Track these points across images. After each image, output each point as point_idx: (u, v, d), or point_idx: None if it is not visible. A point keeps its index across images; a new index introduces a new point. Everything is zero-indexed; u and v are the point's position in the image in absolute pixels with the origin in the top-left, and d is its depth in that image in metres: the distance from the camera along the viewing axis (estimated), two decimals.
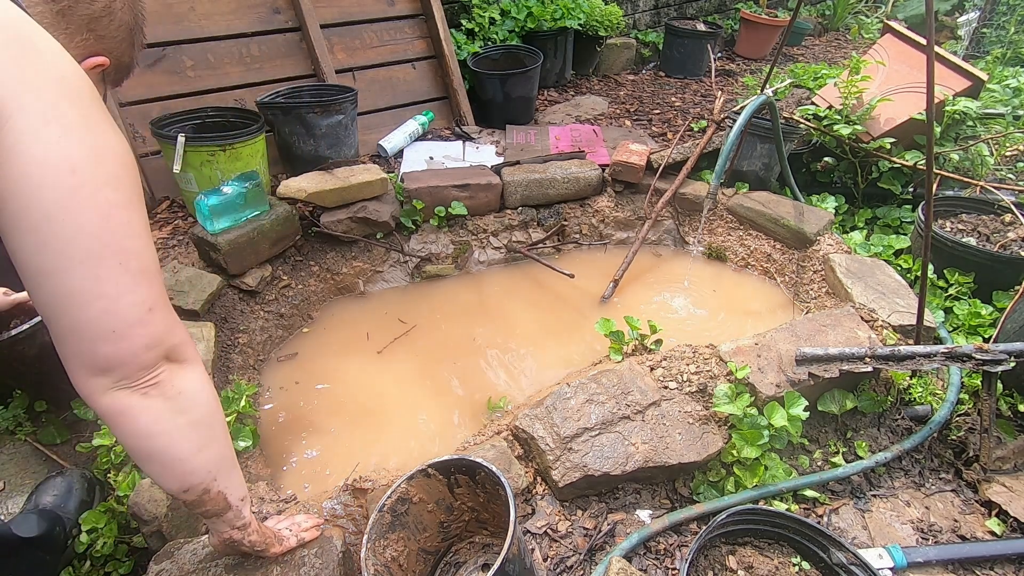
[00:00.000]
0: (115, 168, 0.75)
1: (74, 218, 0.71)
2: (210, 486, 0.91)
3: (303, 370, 2.15)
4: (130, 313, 0.76)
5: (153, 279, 0.80)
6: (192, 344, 0.88)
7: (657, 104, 3.82)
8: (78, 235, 0.71)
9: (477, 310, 2.50)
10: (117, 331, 0.75)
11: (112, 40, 0.91)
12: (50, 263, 0.71)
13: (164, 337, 0.81)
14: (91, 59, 0.88)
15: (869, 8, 6.10)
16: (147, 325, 0.78)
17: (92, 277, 0.73)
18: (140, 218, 0.79)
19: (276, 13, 2.93)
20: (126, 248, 0.76)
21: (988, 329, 2.10)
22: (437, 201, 2.62)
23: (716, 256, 2.81)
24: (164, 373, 0.82)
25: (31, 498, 1.51)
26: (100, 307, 0.74)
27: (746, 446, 1.52)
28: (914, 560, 1.38)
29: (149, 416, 0.81)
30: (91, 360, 0.76)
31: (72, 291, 0.72)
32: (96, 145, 0.73)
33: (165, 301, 0.82)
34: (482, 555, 1.34)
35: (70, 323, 0.74)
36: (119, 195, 0.75)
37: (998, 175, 2.98)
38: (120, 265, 0.75)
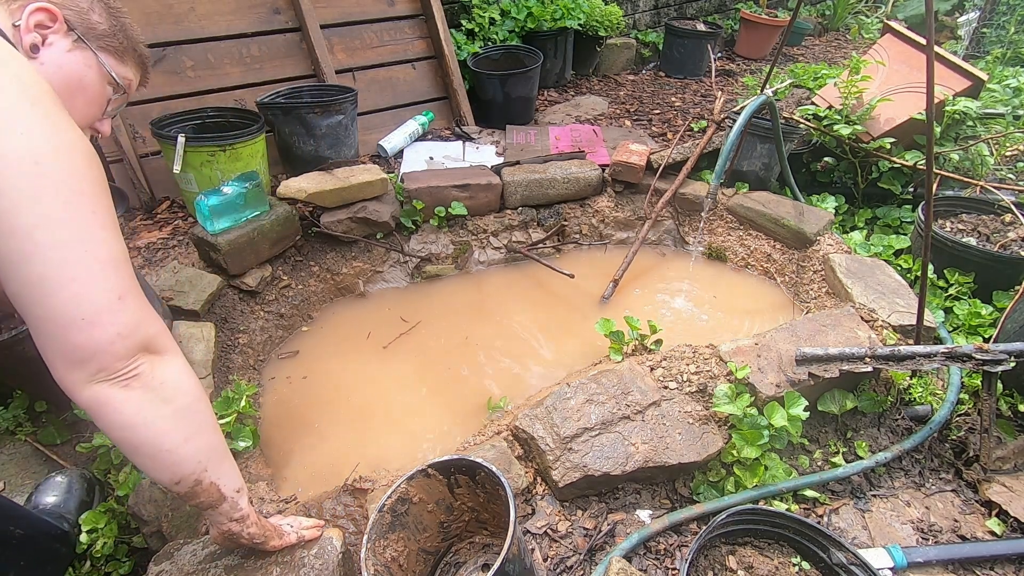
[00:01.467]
0: (78, 162, 0.78)
1: (41, 206, 0.73)
2: (201, 477, 0.91)
3: (303, 370, 2.15)
4: (99, 299, 0.77)
5: (121, 268, 0.81)
6: (169, 335, 0.89)
7: (657, 104, 3.82)
8: (45, 221, 0.74)
9: (477, 310, 2.50)
10: (87, 318, 0.76)
11: None
12: (18, 250, 0.73)
13: (137, 326, 0.81)
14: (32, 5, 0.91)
15: (869, 8, 6.10)
16: (117, 313, 0.79)
17: (60, 262, 0.74)
18: (105, 210, 0.81)
19: (276, 13, 2.93)
20: (93, 236, 0.78)
21: (988, 329, 2.10)
22: (437, 201, 2.62)
23: (716, 256, 2.81)
24: (144, 365, 0.82)
25: (31, 498, 1.51)
26: (69, 292, 0.75)
27: (746, 446, 1.52)
28: (914, 560, 1.38)
29: (131, 407, 0.81)
30: (66, 351, 0.76)
31: (41, 277, 0.74)
32: (58, 140, 0.76)
33: (137, 291, 0.83)
34: (482, 555, 1.34)
35: (41, 311, 0.75)
36: (84, 186, 0.78)
37: (998, 175, 2.98)
38: (87, 252, 0.77)
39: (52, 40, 0.95)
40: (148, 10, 2.58)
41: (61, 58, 0.96)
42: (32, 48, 0.92)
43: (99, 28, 1.00)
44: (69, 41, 0.97)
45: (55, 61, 0.95)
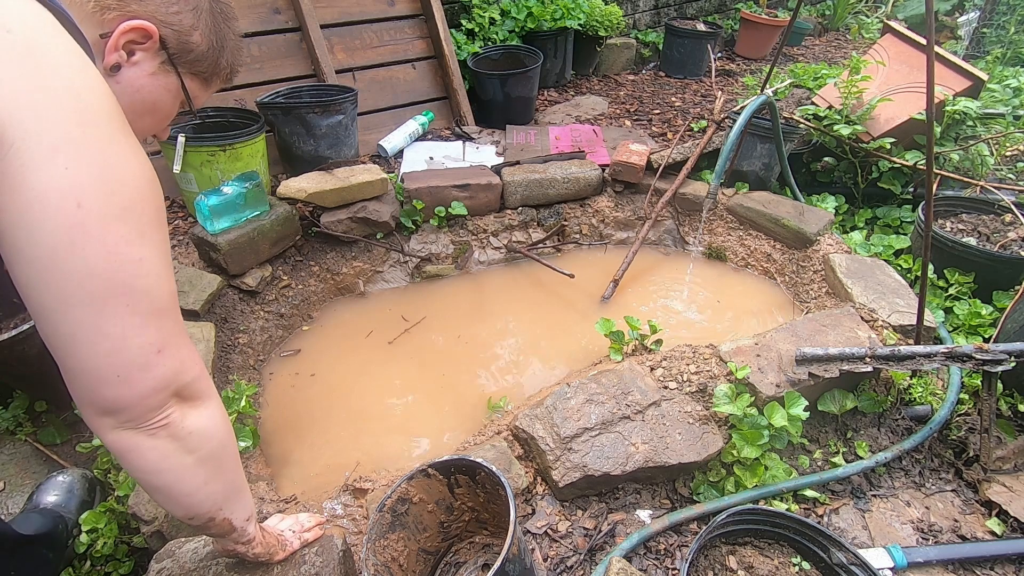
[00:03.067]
0: (129, 199, 0.69)
1: (78, 256, 0.65)
2: (215, 515, 0.90)
3: (304, 370, 2.15)
4: (136, 357, 0.72)
5: (165, 318, 0.75)
6: (206, 378, 0.84)
7: (657, 104, 3.82)
8: (81, 274, 0.66)
9: (477, 310, 2.50)
10: (122, 375, 0.71)
11: (157, 4, 0.81)
12: (52, 301, 0.67)
13: (173, 379, 0.77)
14: (130, 22, 0.78)
15: (869, 8, 6.10)
16: (154, 368, 0.74)
17: (95, 319, 0.68)
18: (155, 252, 0.73)
19: (276, 13, 2.92)
20: (134, 288, 0.70)
21: (988, 329, 2.10)
22: (437, 201, 2.62)
23: (716, 256, 2.81)
24: (174, 414, 0.78)
25: (32, 498, 1.51)
26: (104, 350, 0.70)
27: (746, 446, 1.53)
28: (914, 560, 1.38)
29: (155, 454, 0.78)
30: (96, 401, 0.73)
31: (75, 332, 0.68)
32: (108, 174, 0.67)
33: (178, 338, 0.78)
34: (482, 555, 1.34)
35: (73, 364, 0.70)
36: (130, 229, 0.69)
37: (998, 175, 2.98)
38: (127, 307, 0.70)
39: (138, 59, 0.82)
40: None
41: (141, 80, 0.84)
42: (113, 67, 0.80)
43: (196, 50, 0.88)
44: (157, 63, 0.84)
45: (134, 83, 0.83)
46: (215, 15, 0.89)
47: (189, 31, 0.85)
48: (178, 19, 0.84)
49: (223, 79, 0.97)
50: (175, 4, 0.83)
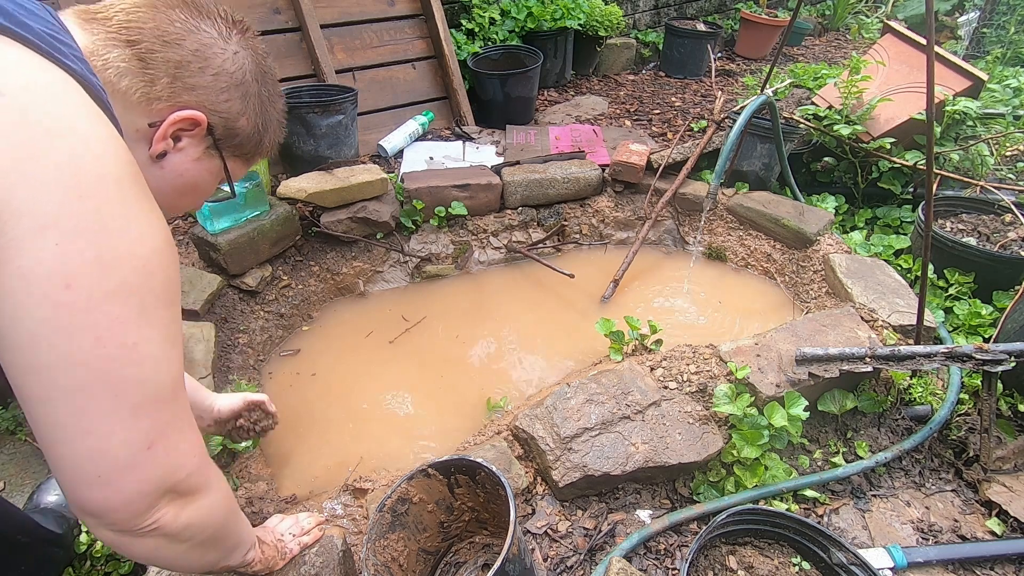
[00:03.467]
0: (129, 275, 0.63)
1: (63, 342, 0.60)
2: (213, 568, 0.91)
3: (304, 370, 2.15)
4: (121, 454, 0.65)
5: (159, 408, 0.68)
6: (207, 466, 0.77)
7: (657, 104, 3.82)
8: (66, 363, 0.60)
9: (477, 310, 2.50)
10: (103, 476, 0.64)
11: (208, 92, 0.79)
12: (34, 391, 0.61)
13: (164, 479, 0.69)
14: (180, 112, 0.76)
15: (869, 8, 6.10)
16: (141, 468, 0.66)
17: (78, 411, 0.62)
18: (155, 334, 0.66)
19: (276, 13, 2.92)
20: (125, 377, 0.64)
21: (988, 329, 2.10)
22: (437, 201, 2.62)
23: (716, 256, 2.81)
24: (166, 516, 0.71)
25: (32, 497, 1.51)
26: (86, 446, 0.63)
27: (746, 446, 1.53)
28: (914, 560, 1.38)
29: (146, 549, 0.73)
30: (78, 502, 0.66)
31: (56, 426, 0.62)
32: (106, 248, 0.61)
33: (175, 429, 0.70)
34: (482, 555, 1.34)
35: (55, 459, 0.64)
36: (126, 310, 0.63)
37: (998, 175, 2.98)
38: (114, 398, 0.63)
39: (184, 145, 0.81)
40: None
41: (185, 165, 0.82)
42: (160, 155, 0.79)
43: (242, 134, 0.86)
44: (202, 148, 0.83)
45: (178, 168, 0.82)
46: (262, 99, 0.87)
47: (236, 117, 0.84)
48: (227, 106, 0.82)
49: (264, 156, 0.96)
50: (225, 91, 0.81)
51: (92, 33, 0.72)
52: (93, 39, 0.72)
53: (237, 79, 0.82)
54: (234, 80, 0.81)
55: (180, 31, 0.76)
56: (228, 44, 0.80)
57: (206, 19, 0.79)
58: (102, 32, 0.72)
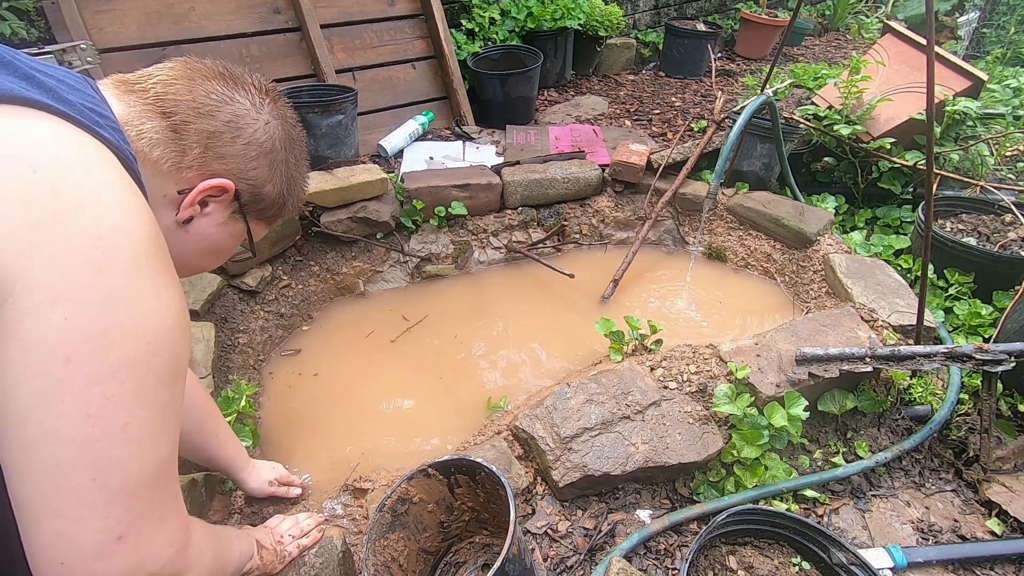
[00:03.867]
0: (131, 353, 0.62)
1: (52, 417, 0.58)
2: None
3: (304, 369, 2.15)
4: (88, 542, 0.60)
5: (139, 495, 0.64)
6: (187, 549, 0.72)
7: (657, 104, 3.82)
8: (50, 438, 0.58)
9: (477, 310, 2.50)
10: (67, 564, 0.60)
11: (238, 160, 0.81)
12: (15, 461, 0.59)
13: (134, 572, 0.64)
14: (209, 181, 0.78)
15: (869, 8, 6.10)
16: (107, 560, 0.62)
17: (53, 489, 0.59)
18: (149, 415, 0.64)
19: (276, 13, 2.92)
20: (108, 458, 0.61)
21: (988, 329, 2.10)
22: (437, 201, 2.62)
23: (716, 256, 2.81)
24: None
25: None
26: (54, 528, 0.59)
27: (746, 446, 1.53)
28: (914, 560, 1.38)
29: None
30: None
31: (29, 502, 0.59)
32: (112, 326, 0.60)
33: (154, 519, 0.66)
34: (482, 555, 1.34)
35: (23, 534, 0.61)
36: (123, 389, 0.61)
37: (998, 175, 2.98)
38: (92, 480, 0.60)
39: (211, 210, 0.82)
40: (148, 10, 2.58)
41: (210, 230, 0.83)
42: (186, 220, 0.80)
43: (266, 200, 0.87)
44: (228, 213, 0.84)
45: (203, 232, 0.83)
46: (289, 165, 0.89)
47: (263, 183, 0.85)
48: (255, 174, 0.83)
49: (285, 217, 0.97)
50: (255, 160, 0.82)
51: (129, 104, 0.74)
52: (129, 110, 0.74)
53: (267, 148, 0.83)
54: (264, 149, 0.83)
55: (215, 103, 0.78)
56: (260, 114, 0.82)
57: (240, 90, 0.81)
58: (139, 104, 0.75)
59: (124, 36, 2.51)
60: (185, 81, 0.77)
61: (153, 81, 0.76)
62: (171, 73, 0.78)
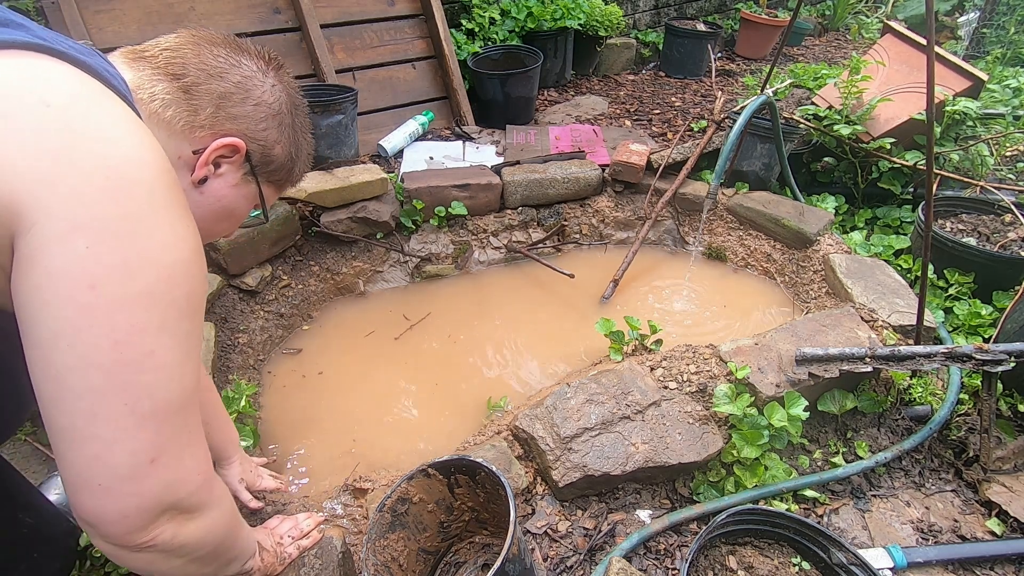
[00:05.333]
0: (154, 283, 0.64)
1: (82, 343, 0.61)
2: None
3: (304, 369, 2.15)
4: (123, 463, 0.64)
5: (168, 420, 0.67)
6: (210, 483, 0.76)
7: (657, 104, 3.82)
8: (83, 364, 0.61)
9: (477, 310, 2.50)
10: (104, 484, 0.64)
11: (248, 121, 0.83)
12: (50, 390, 0.62)
13: (164, 494, 0.68)
14: (222, 140, 0.80)
15: (869, 8, 6.10)
16: (142, 481, 0.66)
17: (88, 414, 0.62)
18: (173, 344, 0.67)
19: (276, 13, 2.92)
20: (137, 384, 0.64)
21: (988, 329, 2.10)
22: (437, 201, 2.62)
23: (716, 256, 2.81)
24: (163, 534, 0.70)
25: None
26: (90, 451, 0.63)
27: (746, 446, 1.53)
28: (914, 560, 1.38)
29: (142, 562, 0.72)
30: (76, 508, 0.65)
31: (65, 427, 0.62)
32: (133, 254, 0.62)
33: (182, 444, 0.70)
34: (482, 555, 1.34)
35: (59, 458, 0.64)
36: (148, 317, 0.64)
37: (998, 175, 2.98)
38: (124, 405, 0.63)
39: (223, 171, 0.84)
40: (148, 9, 2.58)
41: (224, 191, 0.86)
42: (201, 181, 0.82)
43: (276, 161, 0.90)
44: (240, 174, 0.86)
45: (216, 194, 0.85)
46: (295, 129, 0.92)
47: (273, 144, 0.88)
48: (265, 135, 0.86)
49: (293, 184, 0.99)
50: (264, 121, 0.85)
51: (139, 70, 0.77)
52: (139, 75, 0.77)
53: (275, 110, 0.87)
54: (272, 111, 0.86)
55: (224, 65, 0.81)
56: (267, 78, 0.86)
57: (245, 55, 0.85)
58: (148, 69, 0.78)
59: (124, 36, 2.51)
60: (192, 46, 0.80)
61: (161, 48, 0.79)
62: (178, 40, 0.81)
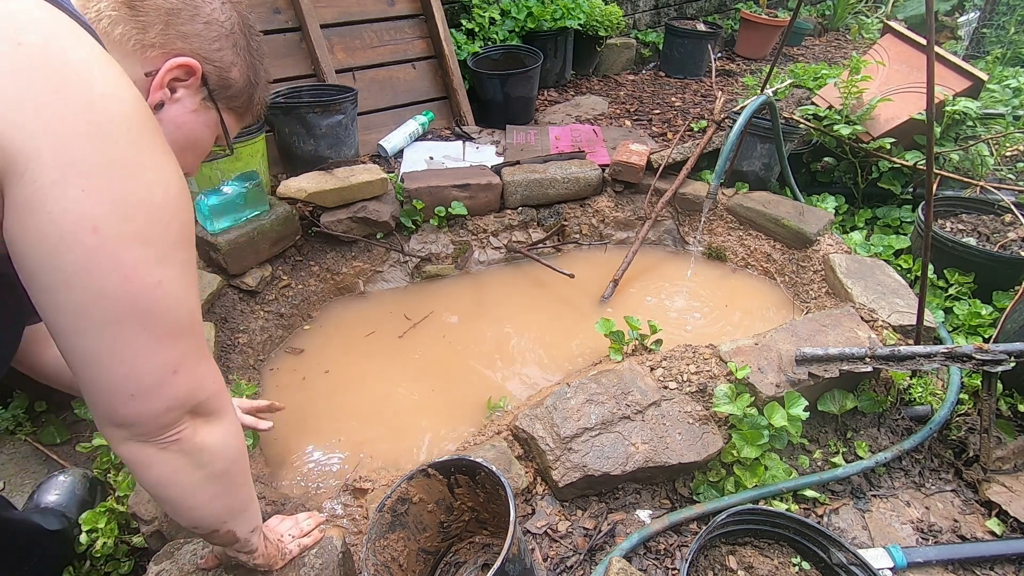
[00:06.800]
0: (149, 220, 0.68)
1: (94, 281, 0.65)
2: (220, 528, 0.91)
3: (304, 369, 2.15)
4: (150, 377, 0.72)
5: (182, 338, 0.75)
6: (224, 395, 0.84)
7: (657, 104, 3.82)
8: (97, 299, 0.66)
9: (477, 310, 2.50)
10: (136, 394, 0.72)
11: (200, 40, 0.81)
12: (68, 324, 0.67)
13: (188, 398, 0.77)
14: (175, 59, 0.78)
15: (869, 8, 6.10)
16: (169, 388, 0.74)
17: (111, 341, 0.68)
18: (176, 273, 0.72)
19: (276, 13, 2.92)
20: (151, 311, 0.70)
21: (988, 329, 2.10)
22: (437, 201, 2.62)
23: (716, 256, 2.81)
24: (186, 430, 0.78)
25: (32, 497, 1.51)
26: (119, 371, 0.70)
27: (746, 446, 1.53)
28: (914, 560, 1.38)
29: (166, 468, 0.79)
30: (110, 416, 0.73)
31: (90, 354, 0.69)
32: (126, 194, 0.66)
33: (196, 357, 0.77)
34: (482, 555, 1.34)
35: (89, 382, 0.71)
36: (149, 251, 0.68)
37: (998, 175, 2.98)
38: (143, 330, 0.70)
39: (180, 96, 0.82)
40: None
41: (184, 117, 0.84)
42: (158, 105, 0.80)
43: (235, 86, 0.88)
44: (198, 99, 0.84)
45: (176, 120, 0.83)
46: (251, 51, 0.90)
47: (229, 67, 0.86)
48: (219, 55, 0.84)
49: (254, 115, 0.98)
50: (217, 41, 0.83)
51: None
52: None
53: (227, 29, 0.84)
54: (224, 30, 0.84)
55: None
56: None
57: None
58: None
59: None
60: None
61: None
62: None
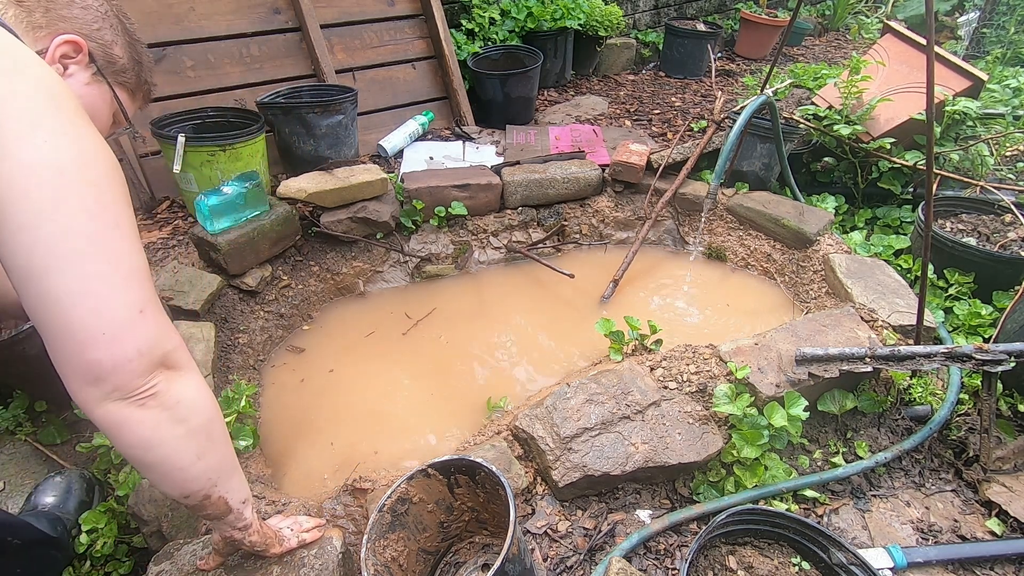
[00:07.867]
0: (101, 171, 0.76)
1: (63, 217, 0.71)
2: (211, 492, 0.91)
3: (304, 369, 2.15)
4: (119, 314, 0.75)
5: (143, 281, 0.79)
6: (186, 349, 0.87)
7: (657, 104, 3.82)
8: (67, 234, 0.72)
9: (477, 310, 2.50)
10: (107, 333, 0.74)
11: (79, 22, 0.93)
12: (39, 263, 0.71)
13: (157, 341, 0.79)
14: (61, 36, 0.89)
15: (869, 8, 6.10)
16: (138, 327, 0.77)
17: (81, 276, 0.72)
18: (128, 221, 0.79)
19: (276, 13, 2.92)
20: (115, 248, 0.76)
21: (988, 329, 2.10)
22: (437, 201, 2.62)
23: (716, 256, 2.81)
24: (160, 383, 0.80)
25: (30, 498, 1.51)
26: (89, 307, 0.73)
27: (746, 446, 1.52)
28: (914, 560, 1.38)
29: (147, 427, 0.79)
30: (84, 368, 0.74)
31: (60, 291, 0.72)
32: (82, 150, 0.74)
33: (157, 305, 0.81)
34: (482, 555, 1.34)
35: (60, 325, 0.73)
36: (107, 196, 0.76)
37: (998, 175, 2.98)
38: (109, 264, 0.75)
39: (73, 71, 0.93)
40: (148, 10, 2.58)
41: (79, 90, 0.93)
42: None
43: (119, 63, 1.00)
44: (89, 74, 0.95)
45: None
46: (129, 33, 1.02)
47: (111, 44, 0.98)
48: (100, 35, 0.96)
49: (145, 96, 1.10)
50: (96, 22, 0.95)
51: None
52: None
53: (103, 11, 0.97)
54: (100, 12, 0.96)
55: None
56: None
57: None
58: None
59: None
60: None
61: None
62: None
